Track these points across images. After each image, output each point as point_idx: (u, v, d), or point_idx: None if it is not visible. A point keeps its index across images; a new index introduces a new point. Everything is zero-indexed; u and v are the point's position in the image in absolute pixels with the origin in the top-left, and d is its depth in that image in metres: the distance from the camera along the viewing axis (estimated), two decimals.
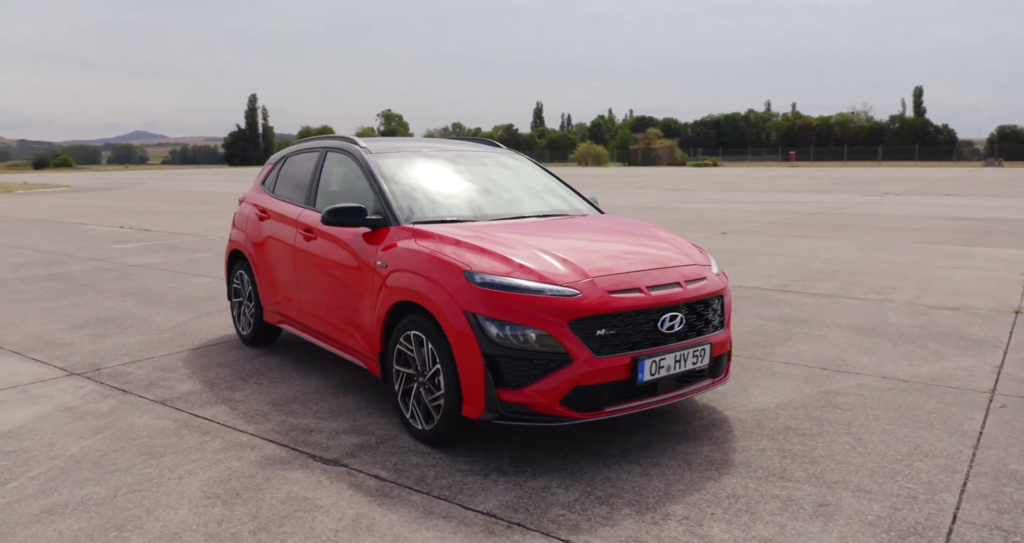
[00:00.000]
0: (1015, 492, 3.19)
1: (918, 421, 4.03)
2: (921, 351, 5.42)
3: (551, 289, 3.38)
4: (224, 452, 3.66)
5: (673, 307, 3.58)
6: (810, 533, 2.86)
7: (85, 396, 4.52)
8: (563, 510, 3.06)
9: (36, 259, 10.62)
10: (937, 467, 3.45)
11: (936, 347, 5.52)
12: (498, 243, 3.74)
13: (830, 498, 3.15)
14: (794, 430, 3.93)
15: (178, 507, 3.08)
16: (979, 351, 5.38)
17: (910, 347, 5.53)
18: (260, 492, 3.22)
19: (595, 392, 3.38)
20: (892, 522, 2.94)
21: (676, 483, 3.30)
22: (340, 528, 2.91)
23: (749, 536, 2.84)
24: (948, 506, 3.07)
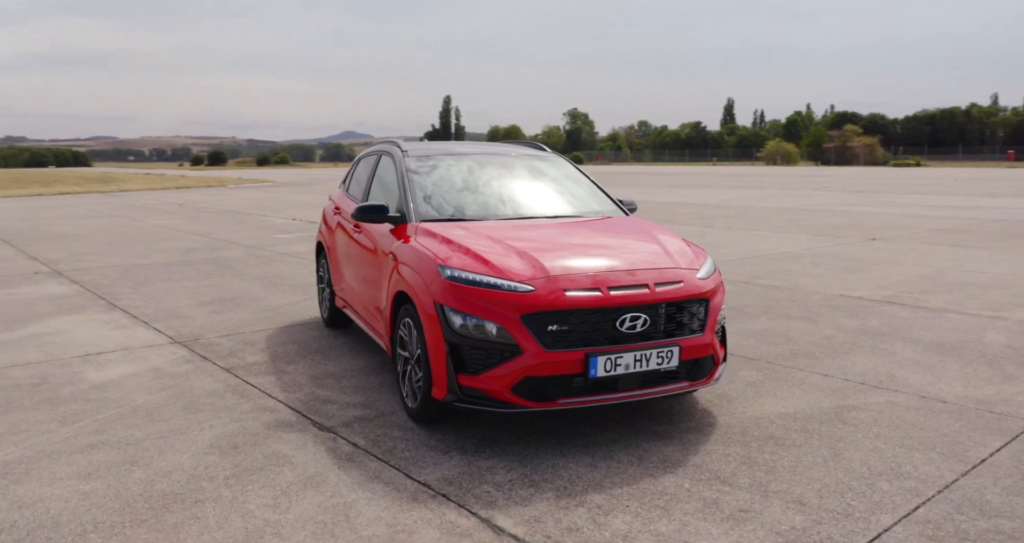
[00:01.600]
0: (966, 522, 3.00)
1: (921, 443, 3.81)
2: (990, 373, 4.98)
3: (507, 284, 3.63)
4: (248, 413, 4.27)
5: (634, 308, 3.68)
6: (708, 534, 2.91)
7: (173, 360, 5.37)
8: (491, 488, 3.32)
9: (206, 245, 12.27)
10: (901, 489, 3.30)
11: (1012, 370, 5.03)
12: (483, 242, 4.03)
13: (756, 506, 3.15)
14: (776, 440, 3.87)
15: (184, 452, 3.71)
16: None
17: (981, 368, 5.09)
18: (253, 447, 3.77)
19: (546, 383, 3.58)
20: (802, 534, 2.91)
21: (614, 476, 3.43)
22: (295, 481, 3.37)
23: (646, 529, 2.95)
24: (877, 527, 2.97)
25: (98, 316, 6.85)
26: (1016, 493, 3.24)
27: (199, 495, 3.24)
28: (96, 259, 10.62)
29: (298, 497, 3.22)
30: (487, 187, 4.94)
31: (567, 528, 2.96)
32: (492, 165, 5.19)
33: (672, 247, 4.24)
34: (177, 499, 3.20)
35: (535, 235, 4.25)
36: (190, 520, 3.02)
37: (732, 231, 13.89)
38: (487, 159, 5.25)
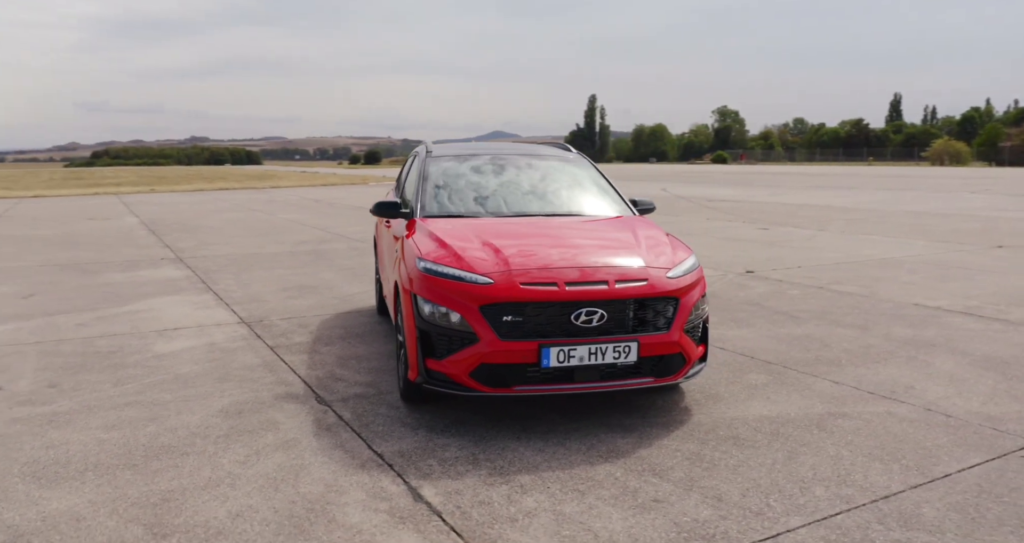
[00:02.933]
0: (879, 532, 2.95)
1: (890, 454, 3.69)
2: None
3: (470, 276, 3.90)
4: (267, 385, 4.79)
5: (591, 303, 3.83)
6: (607, 517, 3.05)
7: (231, 338, 6.05)
8: (435, 462, 3.60)
9: (318, 238, 13.27)
10: (834, 495, 3.26)
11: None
12: (464, 237, 4.32)
13: (672, 498, 3.23)
14: (737, 440, 3.88)
15: (196, 414, 4.26)
16: None
17: (1018, 385, 4.76)
18: (254, 413, 4.27)
19: (502, 370, 3.81)
20: (698, 526, 2.98)
21: (554, 461, 3.61)
22: (271, 444, 3.82)
23: (552, 509, 3.13)
24: (779, 527, 2.98)
25: (191, 297, 7.74)
26: (958, 510, 3.12)
27: (188, 449, 3.75)
28: (217, 248, 11.83)
29: (266, 457, 3.66)
30: (494, 186, 5.21)
31: (480, 502, 3.20)
32: (506, 165, 5.44)
33: (649, 247, 4.32)
34: (169, 451, 3.73)
35: (518, 232, 4.48)
36: (170, 467, 3.53)
37: (844, 235, 13.24)
38: (503, 159, 5.51)
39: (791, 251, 11.20)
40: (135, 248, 11.87)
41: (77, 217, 17.94)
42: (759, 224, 15.30)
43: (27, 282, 8.65)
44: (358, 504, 3.16)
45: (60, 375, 4.98)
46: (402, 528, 2.97)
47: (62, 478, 3.41)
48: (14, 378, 4.91)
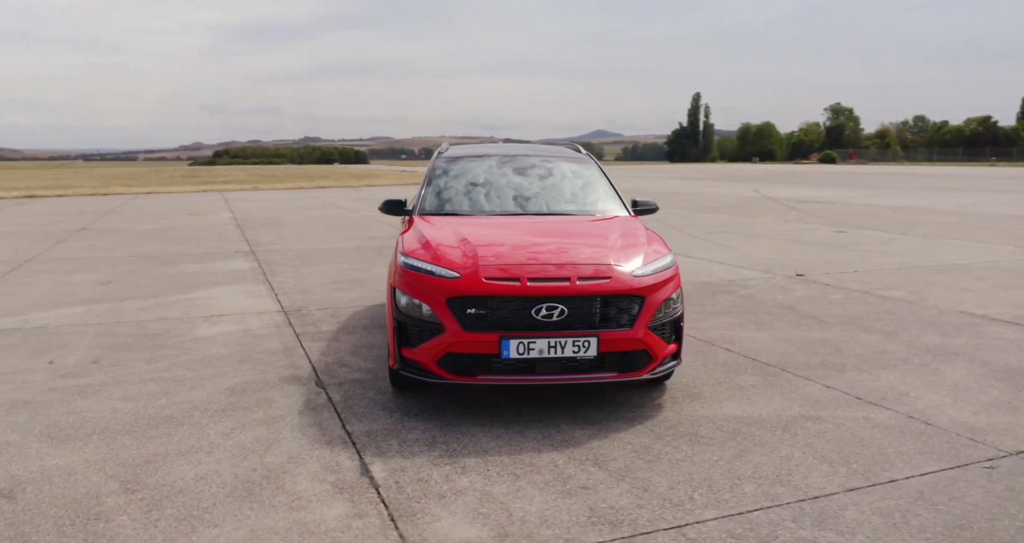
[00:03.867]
0: (789, 530, 2.99)
1: (843, 457, 3.68)
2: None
3: (439, 271, 4.14)
4: (278, 368, 5.20)
5: (551, 298, 3.99)
6: (529, 499, 3.23)
7: (266, 324, 6.53)
8: (396, 442, 3.87)
9: (389, 233, 13.84)
10: (762, 493, 3.30)
11: None
12: (446, 234, 4.56)
13: (600, 486, 3.37)
14: (694, 437, 3.95)
15: (205, 391, 4.71)
16: None
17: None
18: (255, 392, 4.67)
19: (467, 360, 4.04)
20: (612, 513, 3.11)
21: (506, 448, 3.81)
22: (257, 419, 4.19)
23: (482, 489, 3.33)
24: (690, 518, 3.07)
25: (247, 287, 8.34)
26: (883, 515, 3.11)
27: (185, 420, 4.18)
28: (290, 243, 12.56)
29: (248, 430, 4.03)
30: (492, 186, 5.42)
31: (419, 479, 3.44)
32: (511, 166, 5.65)
33: (624, 246, 4.43)
34: (169, 421, 4.17)
35: (500, 230, 4.69)
36: (163, 435, 3.95)
37: (927, 239, 12.65)
38: (510, 161, 5.72)
39: (857, 255, 10.83)
40: (217, 241, 12.78)
41: (178, 212, 19.36)
42: (839, 227, 14.78)
43: (111, 271, 9.54)
44: (309, 475, 3.47)
45: (105, 353, 5.57)
46: (337, 497, 3.25)
47: (71, 439, 3.89)
48: (66, 354, 5.53)
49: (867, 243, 12.24)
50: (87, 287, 8.32)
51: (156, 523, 3.02)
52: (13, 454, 3.70)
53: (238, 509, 3.14)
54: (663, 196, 25.99)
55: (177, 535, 2.92)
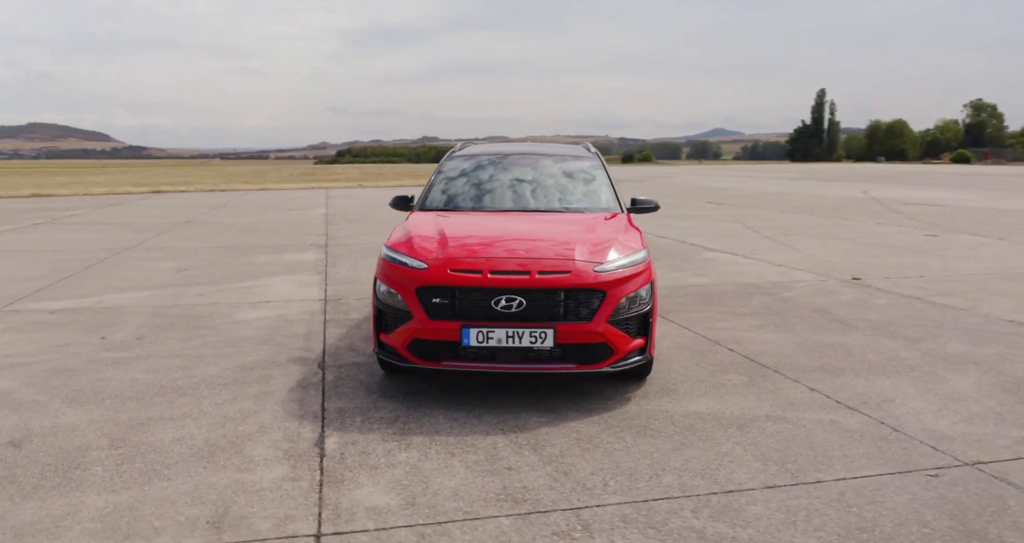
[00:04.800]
0: (683, 519, 3.08)
1: (782, 457, 3.69)
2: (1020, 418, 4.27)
3: (410, 262, 4.42)
4: (291, 349, 5.64)
5: (510, 290, 4.18)
6: (451, 474, 3.46)
7: (302, 311, 7.03)
8: (360, 420, 4.19)
9: None
10: (678, 484, 3.39)
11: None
12: (429, 228, 4.83)
13: (525, 468, 3.55)
14: (644, 430, 4.05)
15: (218, 366, 5.19)
16: None
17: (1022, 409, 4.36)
18: (260, 370, 5.11)
19: (433, 346, 4.30)
20: (522, 491, 3.29)
21: (458, 429, 4.04)
22: (250, 393, 4.62)
23: (414, 464, 3.58)
24: (591, 502, 3.21)
25: (303, 278, 8.94)
26: (787, 512, 3.13)
27: (189, 391, 4.66)
28: (364, 237, 13.21)
29: (238, 403, 4.46)
30: (490, 184, 5.65)
31: (363, 452, 3.73)
32: (517, 165, 5.84)
33: (596, 242, 4.55)
34: (175, 391, 4.66)
35: (482, 225, 4.91)
36: (164, 403, 4.44)
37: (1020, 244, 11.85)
38: (517, 159, 5.92)
39: (935, 260, 10.29)
40: (299, 235, 13.61)
41: (276, 208, 20.63)
42: (933, 230, 13.99)
43: (192, 259, 10.42)
44: (269, 443, 3.84)
45: (151, 331, 6.21)
46: (283, 463, 3.59)
47: (87, 403, 4.44)
48: (118, 331, 6.21)
49: (954, 248, 11.56)
50: (164, 274, 9.16)
51: (121, 474, 3.45)
52: (36, 412, 4.27)
53: (193, 467, 3.54)
54: (760, 197, 25.27)
55: (132, 485, 3.35)
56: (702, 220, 16.83)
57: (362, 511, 3.12)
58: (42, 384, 4.77)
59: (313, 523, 3.02)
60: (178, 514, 3.08)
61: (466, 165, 5.93)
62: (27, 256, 10.71)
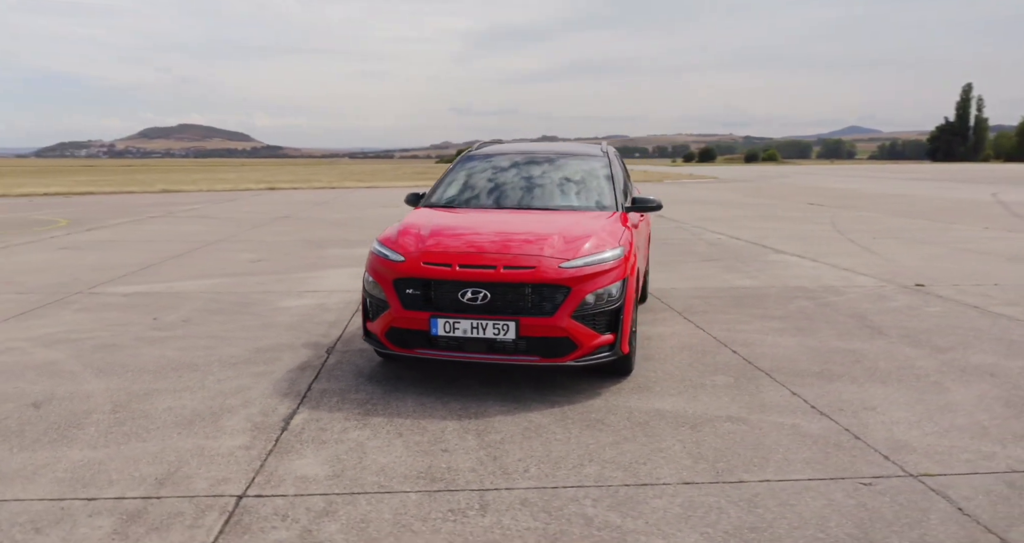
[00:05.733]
0: (576, 506, 3.17)
1: (717, 456, 3.69)
2: (1000, 432, 4.04)
3: (390, 255, 4.69)
4: (310, 335, 6.05)
5: (477, 283, 4.37)
6: (390, 452, 3.70)
7: (340, 301, 7.46)
8: (337, 399, 4.50)
9: None
10: (593, 474, 3.47)
11: None
12: (421, 223, 5.08)
13: (459, 451, 3.73)
14: (595, 424, 4.13)
15: (238, 347, 5.67)
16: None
17: (1008, 424, 4.12)
18: (273, 352, 5.53)
19: (405, 334, 4.56)
20: (444, 471, 3.49)
21: (417, 413, 4.27)
22: (253, 372, 5.03)
23: (360, 441, 3.84)
24: (500, 484, 3.35)
25: (359, 270, 9.42)
26: (688, 508, 3.17)
27: (202, 368, 5.14)
28: None
29: (237, 379, 4.88)
30: (496, 182, 5.83)
31: (320, 428, 4.04)
32: (525, 164, 5.99)
33: (570, 238, 4.65)
34: (191, 367, 5.16)
35: (470, 221, 5.11)
36: (175, 376, 4.93)
37: None
38: (527, 159, 6.06)
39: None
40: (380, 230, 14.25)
41: (376, 205, 21.58)
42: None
43: (271, 251, 11.20)
44: (244, 416, 4.22)
45: (200, 315, 6.82)
46: (246, 434, 3.95)
47: (111, 374, 5.00)
48: (171, 314, 6.86)
49: None
50: (239, 264, 9.93)
51: (108, 435, 3.92)
52: (66, 380, 4.87)
53: (169, 433, 3.96)
54: (872, 199, 24.02)
55: (112, 444, 3.80)
56: (792, 222, 16.26)
57: (291, 479, 3.42)
58: (84, 357, 5.40)
59: (243, 486, 3.34)
60: (135, 471, 3.49)
61: (477, 164, 6.15)
62: (130, 246, 11.86)
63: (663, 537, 2.92)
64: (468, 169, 6.12)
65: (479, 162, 6.18)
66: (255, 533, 2.94)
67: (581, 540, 2.89)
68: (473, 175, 6.04)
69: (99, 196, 26.23)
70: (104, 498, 3.22)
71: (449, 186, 5.96)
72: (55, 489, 3.31)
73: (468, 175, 6.05)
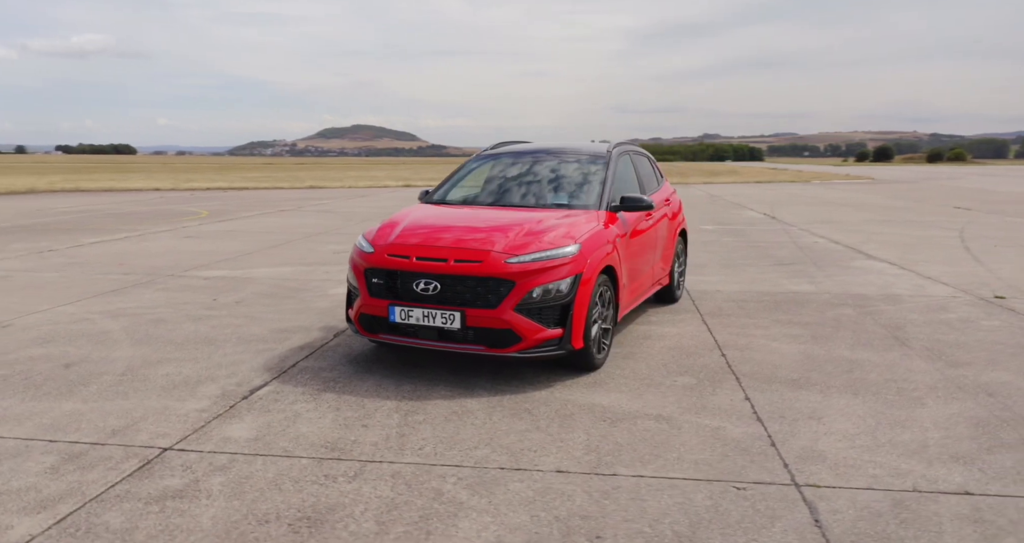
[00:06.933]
0: (394, 474, 3.39)
1: (603, 450, 3.77)
2: (958, 447, 3.79)
3: (365, 246, 5.07)
4: (332, 319, 6.58)
5: (428, 275, 4.66)
6: (316, 423, 4.08)
7: None
8: (310, 376, 4.95)
9: None
10: (464, 456, 3.67)
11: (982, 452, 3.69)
12: (407, 218, 5.42)
13: (376, 427, 4.04)
14: (519, 412, 4.30)
15: (262, 327, 6.28)
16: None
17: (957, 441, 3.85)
18: (288, 333, 6.10)
19: (372, 320, 4.93)
20: (347, 444, 3.82)
21: (375, 393, 4.63)
22: (257, 348, 5.60)
23: (296, 412, 4.25)
24: (353, 454, 3.63)
25: None
26: (535, 492, 3.30)
27: (220, 343, 5.79)
28: None
29: (237, 354, 5.47)
30: (492, 181, 6.06)
31: (277, 400, 4.49)
32: (527, 164, 6.16)
33: (525, 234, 4.82)
34: (209, 341, 5.82)
35: (447, 217, 5.39)
36: (192, 349, 5.60)
37: None
38: (530, 158, 6.22)
39: None
40: None
41: None
42: None
43: None
44: (221, 385, 4.76)
45: (253, 297, 7.57)
46: (211, 399, 4.47)
47: (145, 343, 5.76)
48: (230, 296, 7.66)
49: None
50: (319, 254, 10.77)
51: (103, 393, 4.59)
52: (106, 347, 5.67)
53: (151, 395, 4.57)
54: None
55: (100, 400, 4.45)
56: (918, 226, 15.13)
57: (217, 439, 3.89)
58: (133, 329, 6.23)
59: (174, 441, 3.85)
60: (102, 422, 4.11)
61: (483, 163, 6.41)
62: (243, 236, 13.13)
63: (494, 515, 3.09)
64: (473, 168, 6.41)
65: (486, 161, 6.44)
66: (152, 479, 3.42)
67: (417, 510, 3.13)
68: (475, 174, 6.31)
69: (253, 191, 28.86)
70: (62, 441, 3.84)
71: (450, 184, 6.28)
72: (32, 431, 3.98)
73: (472, 174, 6.33)
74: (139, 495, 3.26)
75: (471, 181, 6.28)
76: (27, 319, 6.53)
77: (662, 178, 7.47)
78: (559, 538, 2.92)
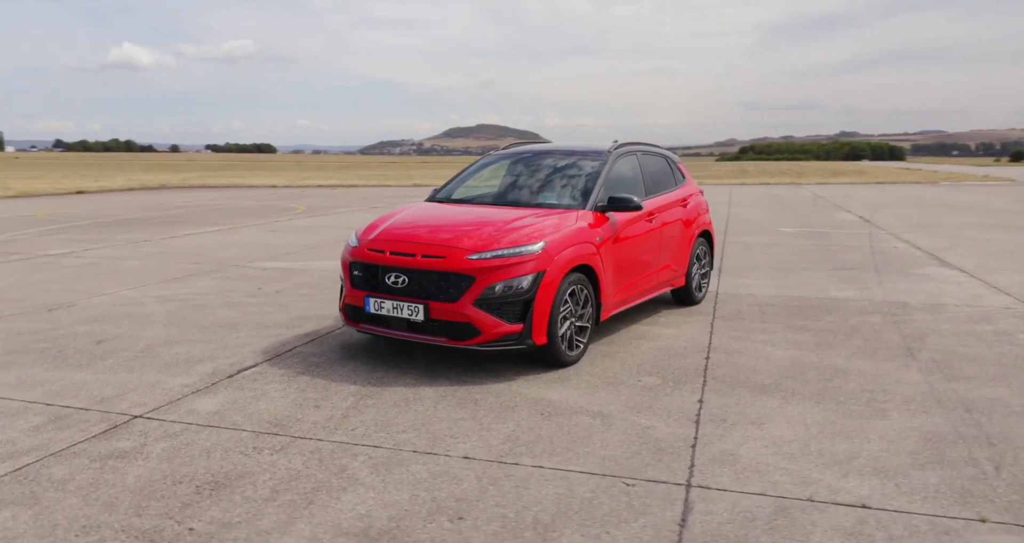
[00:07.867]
0: (342, 447, 3.65)
1: (521, 439, 3.90)
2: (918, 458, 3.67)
3: (352, 241, 5.40)
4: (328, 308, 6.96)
5: (397, 269, 4.93)
6: (278, 402, 4.44)
7: None
8: (297, 359, 5.35)
9: None
10: (388, 438, 3.90)
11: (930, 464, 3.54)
12: (399, 215, 5.71)
13: (328, 408, 4.36)
14: (467, 403, 4.49)
15: (282, 315, 6.77)
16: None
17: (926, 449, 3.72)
18: (306, 320, 6.54)
19: (353, 310, 5.26)
20: (294, 421, 4.15)
21: (342, 378, 4.95)
22: (268, 333, 6.07)
23: (266, 392, 4.63)
24: (291, 431, 3.93)
25: None
26: (430, 475, 3.49)
27: (241, 327, 6.30)
28: None
29: (249, 338, 5.95)
30: (491, 181, 6.25)
31: (254, 380, 4.90)
32: (528, 164, 6.30)
33: (493, 231, 4.99)
34: (230, 325, 6.35)
35: (434, 214, 5.63)
36: (213, 331, 6.14)
37: None
38: (533, 159, 6.35)
39: None
40: None
41: None
42: None
43: None
44: (214, 365, 5.23)
45: (293, 287, 8.12)
46: (198, 376, 4.94)
47: (176, 325, 6.36)
48: (275, 285, 8.25)
49: None
50: None
51: (115, 366, 5.16)
52: (141, 327, 6.31)
53: (151, 370, 5.10)
54: None
55: (105, 373, 5.01)
56: (1017, 230, 13.95)
57: (185, 410, 4.32)
58: (174, 312, 6.88)
59: (147, 410, 4.31)
60: (97, 391, 4.65)
61: (490, 163, 6.61)
62: (321, 230, 13.93)
63: (378, 492, 3.31)
64: (479, 167, 6.63)
65: (494, 160, 6.64)
66: (109, 440, 3.87)
67: (313, 483, 3.40)
68: (479, 173, 6.53)
69: (360, 189, 30.28)
70: (57, 405, 4.40)
71: (455, 182, 6.53)
72: (38, 396, 4.57)
73: (476, 173, 6.56)
74: (91, 453, 3.72)
75: (475, 180, 6.50)
76: (91, 300, 7.35)
77: (683, 179, 7.38)
78: (424, 516, 3.11)
